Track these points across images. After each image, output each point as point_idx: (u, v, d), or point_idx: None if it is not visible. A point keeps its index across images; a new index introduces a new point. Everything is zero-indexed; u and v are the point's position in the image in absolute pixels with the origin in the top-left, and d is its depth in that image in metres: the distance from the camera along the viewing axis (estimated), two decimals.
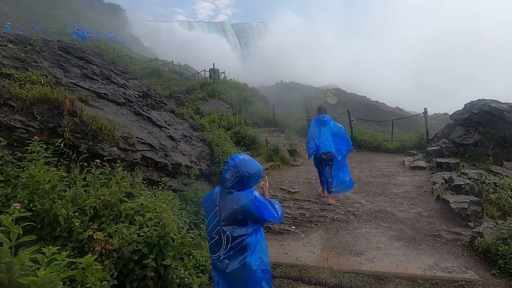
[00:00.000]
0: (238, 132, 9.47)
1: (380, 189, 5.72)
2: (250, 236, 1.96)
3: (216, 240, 1.94)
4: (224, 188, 1.98)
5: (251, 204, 1.92)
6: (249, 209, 1.91)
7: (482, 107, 6.76)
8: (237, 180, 1.94)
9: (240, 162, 1.99)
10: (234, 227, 1.91)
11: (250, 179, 1.99)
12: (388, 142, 10.45)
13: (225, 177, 1.97)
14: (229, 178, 1.95)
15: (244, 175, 1.95)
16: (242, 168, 1.96)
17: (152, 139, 4.80)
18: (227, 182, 1.95)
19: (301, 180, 6.88)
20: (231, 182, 1.95)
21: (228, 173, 1.97)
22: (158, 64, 27.57)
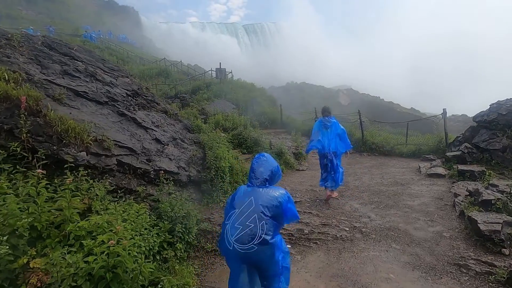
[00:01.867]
0: (240, 134, 8.93)
1: (392, 200, 5.04)
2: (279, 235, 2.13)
3: (251, 228, 1.97)
4: (255, 183, 2.13)
5: (287, 197, 2.13)
6: (285, 201, 2.11)
7: (511, 108, 5.95)
8: (270, 174, 2.16)
9: (269, 157, 2.26)
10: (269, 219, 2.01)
11: (277, 175, 2.25)
12: (402, 145, 9.66)
13: (260, 171, 2.15)
14: (264, 171, 2.15)
15: (275, 170, 2.21)
16: (273, 164, 2.23)
17: (134, 142, 4.31)
18: (261, 175, 2.13)
19: (304, 188, 6.27)
20: (266, 176, 2.14)
21: (262, 167, 2.17)
22: (167, 65, 27.42)
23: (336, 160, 5.13)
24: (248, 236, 1.96)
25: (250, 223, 1.98)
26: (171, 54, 49.00)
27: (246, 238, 1.96)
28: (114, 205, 3.02)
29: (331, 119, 5.22)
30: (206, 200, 4.79)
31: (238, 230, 1.99)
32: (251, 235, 1.96)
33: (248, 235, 1.96)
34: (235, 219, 2.04)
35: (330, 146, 5.08)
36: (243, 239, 1.96)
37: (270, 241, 2.00)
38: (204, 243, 3.70)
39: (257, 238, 1.95)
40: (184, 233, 3.27)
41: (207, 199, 4.82)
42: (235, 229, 2.01)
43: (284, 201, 2.12)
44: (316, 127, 5.34)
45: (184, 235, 3.27)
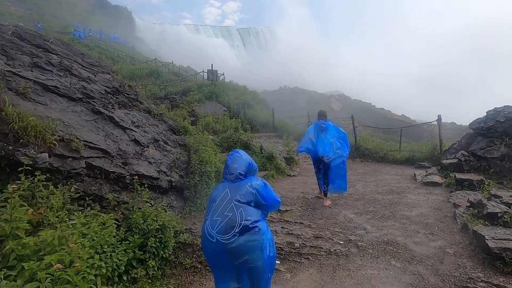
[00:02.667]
0: (229, 137, 8.56)
1: (388, 210, 4.73)
2: (261, 221, 2.09)
3: (229, 217, 1.98)
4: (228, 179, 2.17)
5: (262, 183, 2.18)
6: (262, 187, 2.15)
7: (509, 115, 5.77)
8: (244, 169, 2.21)
9: (243, 153, 2.34)
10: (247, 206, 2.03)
11: (252, 171, 2.29)
12: (395, 152, 9.45)
13: (233, 167, 2.19)
14: (238, 167, 2.19)
15: (248, 165, 2.25)
16: (247, 159, 2.28)
17: (109, 143, 3.89)
18: (235, 171, 2.17)
19: (295, 195, 5.92)
20: (240, 171, 2.18)
21: (236, 163, 2.22)
22: (158, 65, 26.88)
23: (331, 165, 4.97)
24: (228, 225, 1.97)
25: (228, 213, 2.00)
26: (164, 56, 48.44)
27: (227, 228, 1.97)
28: (77, 215, 2.61)
29: (327, 122, 5.09)
30: (189, 208, 4.39)
31: (218, 221, 2.00)
32: (231, 224, 1.97)
33: (228, 225, 1.97)
34: (213, 212, 2.07)
35: (325, 150, 4.91)
36: (224, 229, 1.97)
37: (250, 226, 1.99)
38: (182, 258, 3.29)
39: (237, 226, 1.96)
40: (158, 248, 2.86)
41: (190, 207, 4.41)
42: (214, 221, 2.02)
43: (261, 188, 2.17)
44: (311, 129, 5.22)
45: (159, 250, 2.86)
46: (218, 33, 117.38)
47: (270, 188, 2.24)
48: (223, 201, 2.06)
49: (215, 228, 1.99)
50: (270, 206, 2.23)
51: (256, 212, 2.08)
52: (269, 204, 2.20)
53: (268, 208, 2.22)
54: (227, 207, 2.02)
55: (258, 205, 2.12)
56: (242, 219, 1.98)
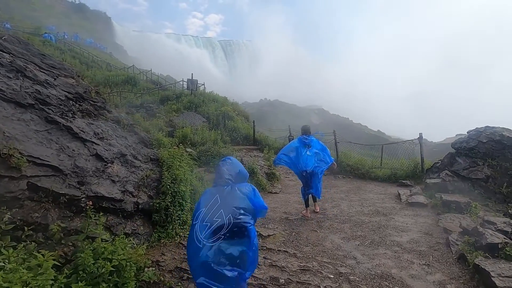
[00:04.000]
0: (208, 150, 8.05)
1: (377, 234, 4.41)
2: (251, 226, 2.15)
3: (218, 223, 2.02)
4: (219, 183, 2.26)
5: (251, 189, 2.27)
6: (251, 193, 2.23)
7: (491, 136, 5.77)
8: (235, 175, 2.30)
9: (235, 160, 2.45)
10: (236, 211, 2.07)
11: (242, 177, 2.37)
12: (377, 169, 9.35)
13: (224, 171, 2.30)
14: (229, 173, 2.29)
15: (239, 171, 2.36)
16: (238, 166, 2.40)
17: (62, 159, 3.28)
18: (225, 175, 2.27)
19: (277, 215, 5.49)
20: (231, 176, 2.28)
21: (227, 168, 2.32)
22: (135, 72, 25.93)
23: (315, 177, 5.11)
24: (216, 230, 2.01)
25: (217, 218, 2.03)
26: (143, 64, 47.23)
27: (214, 232, 2.01)
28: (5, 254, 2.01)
29: (310, 137, 5.25)
30: (158, 234, 3.81)
31: (207, 227, 2.03)
32: (219, 228, 2.01)
33: (216, 230, 2.01)
34: (202, 217, 2.09)
35: (308, 165, 5.01)
36: (211, 233, 2.01)
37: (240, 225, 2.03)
38: None
39: (224, 229, 2.00)
40: None
41: (159, 233, 3.84)
42: (203, 227, 2.05)
43: (250, 193, 2.23)
44: (295, 143, 5.28)
45: None
46: (200, 43, 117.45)
47: (258, 194, 2.30)
48: (213, 207, 2.09)
49: (204, 233, 2.02)
50: (258, 211, 2.25)
51: (245, 218, 2.10)
52: (258, 210, 2.23)
53: (257, 214, 2.25)
54: (217, 213, 2.06)
55: (247, 211, 2.14)
56: (230, 223, 2.02)
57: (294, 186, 8.37)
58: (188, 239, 2.19)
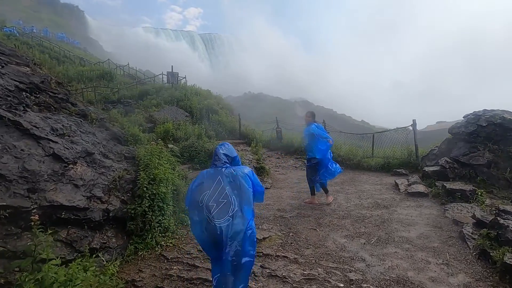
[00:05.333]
0: (192, 145, 7.43)
1: (383, 230, 4.02)
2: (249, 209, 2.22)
3: (224, 203, 2.13)
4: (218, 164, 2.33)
5: (251, 171, 2.41)
6: (250, 173, 2.36)
7: (491, 119, 5.49)
8: (231, 158, 2.40)
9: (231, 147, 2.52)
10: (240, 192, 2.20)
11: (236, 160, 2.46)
12: (369, 158, 9.04)
13: (222, 153, 2.38)
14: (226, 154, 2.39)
15: (236, 156, 2.48)
16: (233, 153, 2.48)
17: (6, 161, 2.62)
18: (223, 158, 2.35)
19: (271, 214, 5.00)
20: (227, 159, 2.37)
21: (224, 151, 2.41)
22: (111, 67, 24.55)
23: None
24: (223, 210, 2.11)
25: (223, 199, 2.14)
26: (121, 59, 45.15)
27: (222, 212, 2.10)
28: None
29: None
30: (134, 246, 3.22)
31: (214, 207, 2.12)
32: (226, 208, 2.11)
33: (223, 209, 2.11)
34: (208, 198, 2.15)
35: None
36: (220, 214, 2.10)
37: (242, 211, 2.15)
38: None
39: (231, 210, 2.12)
40: None
41: (136, 244, 3.25)
42: (210, 207, 2.12)
43: (250, 174, 2.36)
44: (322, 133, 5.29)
45: None
46: (180, 37, 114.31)
47: (257, 178, 2.42)
48: (218, 188, 2.17)
49: (212, 212, 2.10)
50: (256, 192, 2.35)
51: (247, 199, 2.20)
52: (257, 190, 2.35)
53: (255, 195, 2.33)
54: (222, 194, 2.15)
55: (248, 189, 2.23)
56: (236, 204, 2.13)
57: (284, 181, 7.92)
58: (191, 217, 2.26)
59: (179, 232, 3.95)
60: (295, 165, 9.77)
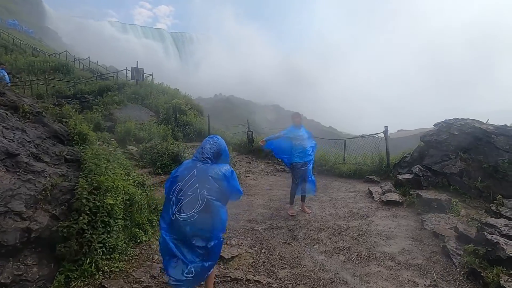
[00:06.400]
0: (154, 147, 6.67)
1: (362, 244, 3.69)
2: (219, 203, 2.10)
3: (192, 197, 2.03)
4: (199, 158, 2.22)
5: (230, 170, 2.23)
6: (228, 173, 2.19)
7: (462, 128, 5.51)
8: (215, 154, 2.27)
9: (222, 141, 2.37)
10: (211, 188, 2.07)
11: (223, 157, 2.34)
12: (341, 164, 8.91)
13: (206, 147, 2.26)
14: (210, 149, 2.25)
15: (221, 151, 2.32)
16: (223, 146, 2.34)
17: None
18: (206, 152, 2.23)
19: (241, 225, 4.50)
20: (210, 154, 2.24)
21: (209, 145, 2.28)
22: (69, 59, 22.48)
23: None
24: (189, 204, 2.02)
25: (191, 193, 2.04)
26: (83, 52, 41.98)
27: (188, 207, 2.02)
28: None
29: None
30: (65, 275, 2.51)
31: (180, 200, 2.05)
32: (193, 203, 2.02)
33: (189, 204, 2.02)
34: (178, 191, 2.09)
35: None
36: (185, 208, 2.02)
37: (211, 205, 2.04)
38: None
39: (198, 206, 2.01)
40: None
41: (69, 272, 2.54)
42: (177, 200, 2.07)
43: (228, 173, 2.19)
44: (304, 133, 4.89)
45: None
46: (149, 34, 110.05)
47: (235, 176, 2.26)
48: (189, 181, 2.08)
49: (177, 206, 2.04)
50: (232, 194, 2.24)
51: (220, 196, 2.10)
52: (231, 192, 2.22)
53: (229, 196, 2.23)
54: (192, 187, 2.06)
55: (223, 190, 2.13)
56: (204, 199, 2.02)
57: (256, 187, 7.45)
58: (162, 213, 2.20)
59: (131, 251, 3.28)
60: (266, 170, 9.36)
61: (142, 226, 3.76)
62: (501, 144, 4.99)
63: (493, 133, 5.12)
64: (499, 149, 4.98)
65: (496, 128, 5.20)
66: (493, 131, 5.15)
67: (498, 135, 5.08)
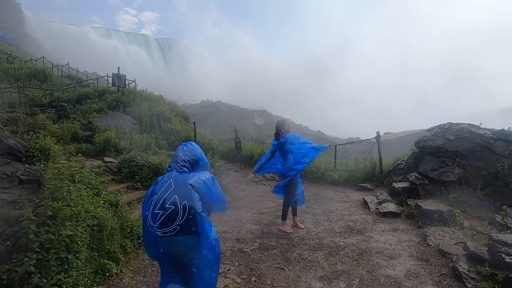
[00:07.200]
0: (132, 159, 6.14)
1: (363, 266, 3.32)
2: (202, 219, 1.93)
3: (171, 210, 1.87)
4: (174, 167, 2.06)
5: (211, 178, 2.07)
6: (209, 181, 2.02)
7: (459, 133, 5.28)
8: (191, 161, 2.10)
9: (197, 146, 2.23)
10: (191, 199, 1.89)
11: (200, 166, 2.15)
12: (332, 171, 8.60)
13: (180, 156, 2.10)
14: (184, 157, 2.09)
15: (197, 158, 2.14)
16: (199, 152, 2.20)
17: None
18: (181, 161, 2.07)
19: (228, 246, 4.05)
20: (187, 163, 2.07)
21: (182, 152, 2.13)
22: (47, 66, 21.49)
23: None
24: (169, 218, 1.86)
25: (170, 205, 1.87)
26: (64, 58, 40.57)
27: (168, 221, 1.86)
28: None
29: None
30: None
31: (159, 215, 1.88)
32: (172, 216, 1.86)
33: (169, 218, 1.86)
34: (154, 205, 1.93)
35: None
36: (165, 222, 1.86)
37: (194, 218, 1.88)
38: None
39: (178, 219, 1.86)
40: None
41: None
42: (155, 215, 1.90)
43: (209, 182, 2.03)
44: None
45: None
46: (134, 40, 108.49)
47: (218, 184, 2.11)
48: (166, 192, 1.91)
49: (156, 222, 1.88)
50: (215, 203, 2.09)
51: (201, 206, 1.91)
52: (214, 201, 2.06)
53: (213, 207, 2.09)
54: (170, 199, 1.88)
55: (204, 201, 1.95)
56: (185, 212, 1.85)
57: (244, 198, 7.02)
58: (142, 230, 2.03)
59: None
60: (255, 179, 8.94)
61: (113, 255, 3.25)
62: (500, 149, 4.77)
63: (491, 138, 4.90)
64: (498, 154, 4.76)
65: (493, 133, 4.99)
66: (491, 136, 4.93)
67: (496, 140, 4.86)
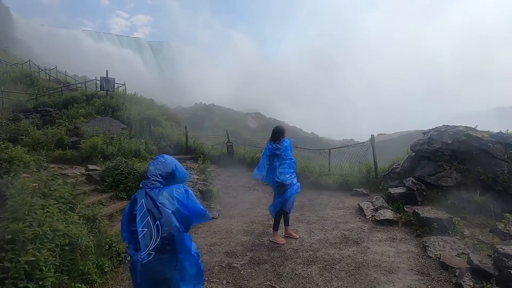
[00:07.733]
0: (117, 167, 5.82)
1: (360, 283, 3.08)
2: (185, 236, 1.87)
3: (145, 233, 1.77)
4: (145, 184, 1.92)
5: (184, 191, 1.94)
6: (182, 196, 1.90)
7: (456, 136, 5.11)
8: (169, 175, 1.96)
9: (170, 159, 2.05)
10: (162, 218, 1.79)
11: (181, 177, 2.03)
12: (326, 176, 8.39)
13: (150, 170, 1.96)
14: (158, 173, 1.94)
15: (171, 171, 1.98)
16: (173, 164, 2.01)
17: None
18: (153, 178, 1.93)
19: (217, 260, 3.78)
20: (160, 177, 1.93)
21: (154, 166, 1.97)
22: (34, 69, 20.93)
23: None
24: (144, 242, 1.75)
25: (143, 228, 1.77)
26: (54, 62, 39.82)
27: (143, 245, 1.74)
28: None
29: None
30: None
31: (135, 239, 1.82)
32: (147, 240, 1.75)
33: (144, 242, 1.75)
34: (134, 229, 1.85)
35: None
36: (141, 247, 1.75)
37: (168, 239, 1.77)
38: None
39: (153, 242, 1.74)
40: None
41: None
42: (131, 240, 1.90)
43: (182, 196, 1.91)
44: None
45: None
46: (126, 43, 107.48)
47: (193, 196, 1.98)
48: (139, 214, 1.80)
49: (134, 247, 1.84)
50: (193, 216, 1.93)
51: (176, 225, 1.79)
52: (191, 215, 1.91)
53: (191, 220, 1.93)
54: (143, 221, 1.78)
55: (180, 217, 1.83)
56: (159, 234, 1.74)
57: (236, 206, 6.75)
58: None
59: None
60: (247, 185, 8.66)
61: (87, 278, 2.95)
62: (498, 153, 4.61)
63: (489, 141, 4.74)
64: (497, 158, 4.60)
65: (491, 136, 4.83)
66: (489, 139, 4.77)
67: (495, 143, 4.71)
